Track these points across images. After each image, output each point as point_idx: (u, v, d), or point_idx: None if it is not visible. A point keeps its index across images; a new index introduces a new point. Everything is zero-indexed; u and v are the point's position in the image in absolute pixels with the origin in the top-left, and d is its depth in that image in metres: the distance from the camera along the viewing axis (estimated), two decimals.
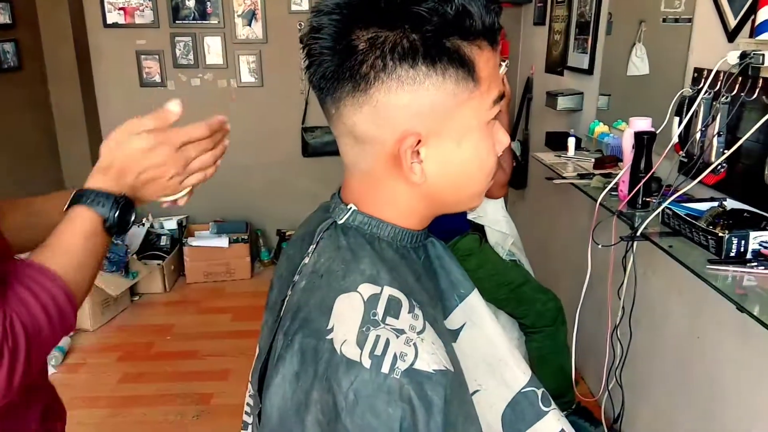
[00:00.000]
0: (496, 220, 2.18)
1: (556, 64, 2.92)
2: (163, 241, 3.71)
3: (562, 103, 2.60)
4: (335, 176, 0.80)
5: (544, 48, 3.10)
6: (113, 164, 0.79)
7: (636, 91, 2.23)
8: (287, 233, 3.92)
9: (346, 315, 0.58)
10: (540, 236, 3.15)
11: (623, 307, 1.73)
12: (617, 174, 1.77)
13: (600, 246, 1.60)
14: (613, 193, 1.72)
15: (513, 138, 3.55)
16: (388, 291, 0.60)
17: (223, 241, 3.75)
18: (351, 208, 0.67)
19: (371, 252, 0.64)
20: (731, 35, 1.54)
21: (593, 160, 2.14)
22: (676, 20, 1.88)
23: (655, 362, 1.95)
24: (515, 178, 3.34)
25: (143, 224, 3.71)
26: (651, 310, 1.91)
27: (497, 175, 2.26)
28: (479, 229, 2.22)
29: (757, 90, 1.35)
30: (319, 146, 3.86)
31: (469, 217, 2.20)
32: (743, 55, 1.31)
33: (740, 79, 1.39)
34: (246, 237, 3.82)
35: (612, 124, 2.27)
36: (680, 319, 1.77)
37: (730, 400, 1.57)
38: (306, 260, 0.66)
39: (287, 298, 0.66)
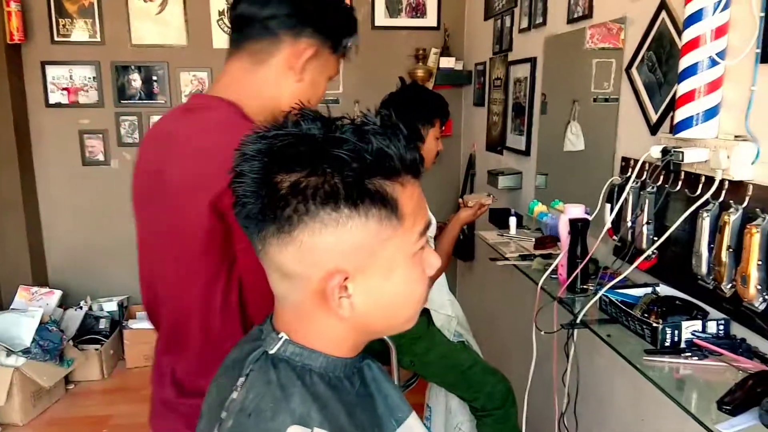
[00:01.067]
0: (441, 304, 2.18)
1: (496, 144, 3.03)
2: (102, 324, 3.54)
3: (503, 182, 2.69)
4: None
5: (485, 128, 3.22)
6: None
7: (571, 169, 2.33)
8: None
9: None
10: (488, 310, 3.16)
11: (568, 394, 1.73)
12: (557, 254, 1.81)
13: (543, 333, 1.62)
14: (553, 276, 1.76)
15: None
16: None
17: None
18: (282, 337, 0.66)
19: (302, 389, 0.62)
20: (653, 128, 1.63)
21: (534, 239, 2.19)
22: (606, 100, 1.99)
23: None
24: (463, 250, 3.38)
25: (80, 307, 3.55)
26: (597, 394, 1.92)
27: (447, 260, 2.20)
28: (426, 311, 2.22)
29: (680, 183, 1.43)
30: None
31: None
32: (665, 151, 1.38)
33: (664, 172, 1.46)
34: None
35: (550, 203, 2.34)
36: (626, 403, 1.79)
37: None
38: (234, 395, 0.65)
39: None
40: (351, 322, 0.65)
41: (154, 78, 3.59)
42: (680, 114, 1.35)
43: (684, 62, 1.32)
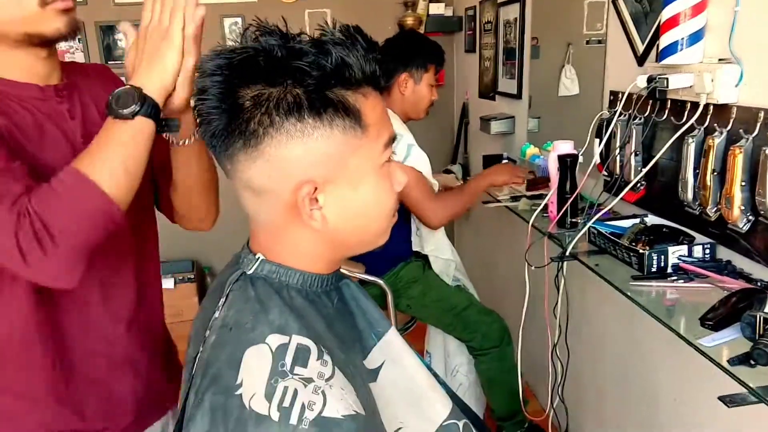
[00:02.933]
0: (441, 248, 2.20)
1: (488, 90, 3.01)
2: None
3: (495, 127, 2.68)
4: None
5: (477, 74, 3.19)
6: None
7: (564, 113, 2.32)
8: None
9: (254, 368, 0.58)
10: (484, 257, 3.20)
11: (559, 326, 1.77)
12: (549, 194, 1.82)
13: (533, 267, 1.64)
14: (545, 214, 1.78)
15: (454, 162, 3.62)
16: (297, 339, 0.61)
17: (168, 283, 3.66)
18: (259, 257, 0.68)
19: (280, 301, 0.64)
20: (640, 59, 1.62)
21: (526, 181, 2.20)
22: (599, 41, 1.97)
23: (597, 375, 1.99)
24: None
25: None
26: (589, 325, 1.97)
27: (454, 210, 2.23)
28: (422, 256, 2.24)
29: (666, 111, 1.43)
30: None
31: (414, 248, 2.22)
32: (650, 79, 1.38)
33: (650, 101, 1.46)
34: (192, 276, 3.74)
35: (542, 146, 2.34)
36: (616, 331, 1.83)
37: (666, 410, 1.62)
38: (216, 314, 0.67)
39: (198, 355, 0.66)
40: (324, 235, 0.66)
41: None
42: (665, 40, 1.34)
43: None
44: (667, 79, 1.32)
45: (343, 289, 0.75)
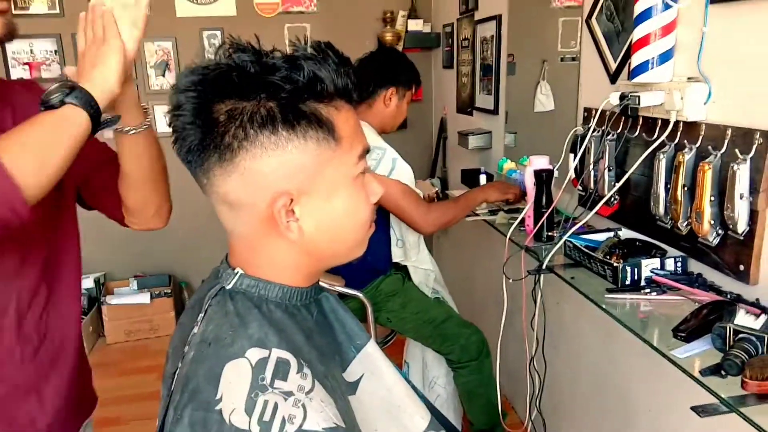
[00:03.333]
0: (421, 259, 2.22)
1: (466, 105, 3.05)
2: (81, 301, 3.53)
3: (473, 142, 2.71)
4: None
5: (455, 90, 3.23)
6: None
7: (539, 128, 2.36)
8: None
9: (234, 383, 0.59)
10: (463, 270, 3.22)
11: (537, 339, 1.79)
12: (526, 208, 1.85)
13: (511, 280, 1.66)
14: (521, 228, 1.80)
15: (433, 175, 3.65)
16: (276, 353, 0.61)
17: (144, 297, 3.61)
18: (238, 272, 0.68)
19: (259, 315, 0.65)
20: (613, 77, 1.66)
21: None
22: (573, 59, 2.02)
23: (575, 388, 2.02)
24: None
25: None
26: (566, 338, 1.99)
27: (447, 219, 2.26)
28: (401, 268, 2.25)
29: (638, 127, 1.46)
30: None
31: (395, 259, 2.23)
32: (622, 96, 1.42)
33: (623, 118, 1.50)
34: (169, 291, 3.70)
35: (519, 160, 2.38)
36: (592, 343, 1.86)
37: (641, 421, 1.64)
38: (195, 329, 0.67)
39: (177, 371, 0.66)
40: (301, 247, 0.67)
41: None
42: (636, 59, 1.38)
43: (639, 7, 1.34)
44: (638, 96, 1.36)
45: (323, 302, 0.76)
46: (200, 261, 3.88)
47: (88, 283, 3.67)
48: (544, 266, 1.52)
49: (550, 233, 1.68)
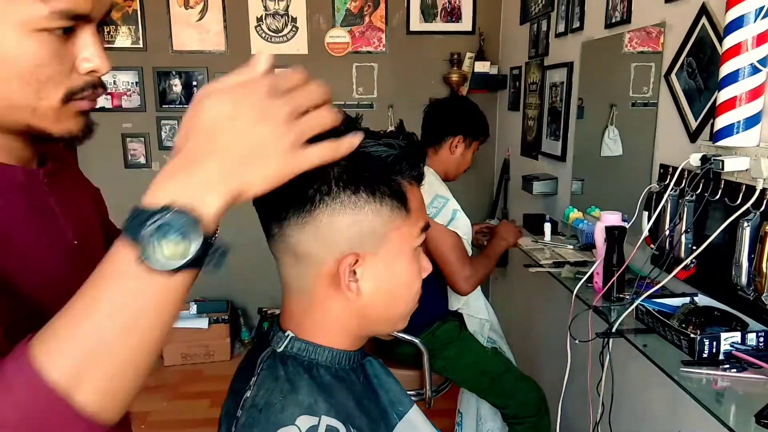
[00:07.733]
0: (476, 308, 2.19)
1: (531, 149, 3.01)
2: None
3: (538, 188, 2.67)
4: None
5: (519, 132, 3.20)
6: (185, 145, 0.54)
7: (606, 174, 2.30)
8: (268, 311, 3.88)
9: None
10: (521, 316, 3.14)
11: (603, 404, 1.71)
12: (593, 261, 1.79)
13: (577, 341, 1.60)
14: (588, 284, 1.75)
15: (492, 216, 3.61)
16: (326, 421, 0.62)
17: (203, 322, 3.70)
18: (289, 335, 0.70)
19: (309, 381, 0.66)
20: (693, 136, 1.61)
21: (569, 247, 2.18)
22: (645, 104, 1.97)
23: None
24: None
25: None
26: (632, 402, 1.90)
27: (482, 276, 2.27)
28: (458, 316, 2.22)
29: (720, 191, 1.40)
30: None
31: (452, 307, 2.21)
32: (705, 159, 1.37)
33: (703, 180, 1.44)
34: (227, 317, 3.77)
35: (585, 210, 2.32)
36: (660, 413, 1.76)
37: None
38: (247, 393, 0.68)
39: None
40: (355, 308, 0.69)
41: (194, 83, 3.68)
42: (721, 122, 1.33)
43: (725, 69, 1.30)
44: (722, 161, 1.31)
45: (366, 367, 0.77)
46: (256, 289, 3.96)
47: None
48: (614, 330, 1.47)
49: (620, 294, 1.62)
